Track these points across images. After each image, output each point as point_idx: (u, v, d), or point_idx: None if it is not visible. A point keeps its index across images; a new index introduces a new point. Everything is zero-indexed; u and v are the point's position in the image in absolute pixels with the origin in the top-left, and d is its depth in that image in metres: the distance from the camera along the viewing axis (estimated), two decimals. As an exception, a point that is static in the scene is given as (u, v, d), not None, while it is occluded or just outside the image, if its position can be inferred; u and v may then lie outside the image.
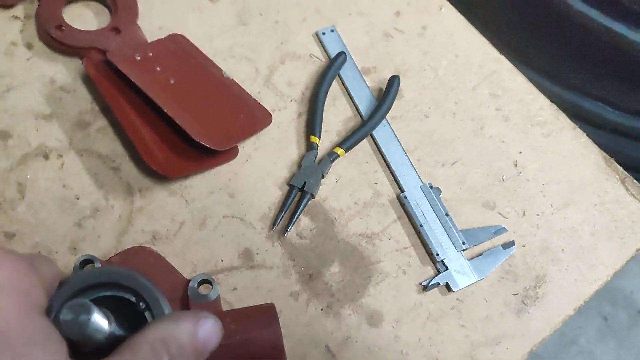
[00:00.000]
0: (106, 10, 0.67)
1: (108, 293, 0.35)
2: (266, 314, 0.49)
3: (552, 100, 0.67)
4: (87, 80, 0.63)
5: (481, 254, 0.57)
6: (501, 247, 0.58)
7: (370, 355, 0.53)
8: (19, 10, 0.66)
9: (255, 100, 0.63)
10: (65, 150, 0.59)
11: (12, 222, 0.55)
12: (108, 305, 0.33)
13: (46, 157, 0.59)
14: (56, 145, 0.59)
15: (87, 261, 0.49)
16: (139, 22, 0.65)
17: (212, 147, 0.56)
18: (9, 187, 0.57)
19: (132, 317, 0.35)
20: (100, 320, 0.29)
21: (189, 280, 0.51)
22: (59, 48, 0.63)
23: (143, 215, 0.57)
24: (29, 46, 0.64)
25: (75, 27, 0.63)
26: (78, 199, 0.57)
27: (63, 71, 0.63)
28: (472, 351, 0.54)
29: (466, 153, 0.63)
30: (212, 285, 0.51)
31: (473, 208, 0.60)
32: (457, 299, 0.56)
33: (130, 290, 0.35)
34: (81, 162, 0.59)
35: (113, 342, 0.31)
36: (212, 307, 0.50)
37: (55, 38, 0.61)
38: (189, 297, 0.50)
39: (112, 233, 0.56)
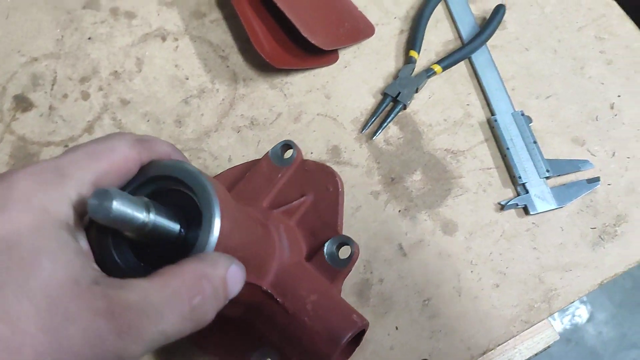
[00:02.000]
0: None
1: (175, 187, 0.33)
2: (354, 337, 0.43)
3: (660, 51, 0.65)
4: (207, -25, 0.67)
5: (564, 184, 0.58)
6: (585, 181, 0.58)
7: (440, 259, 0.55)
8: None
9: (360, 12, 0.65)
10: (181, 35, 0.64)
11: (128, 91, 0.61)
12: (174, 199, 0.33)
13: (163, 38, 0.64)
14: (173, 30, 0.64)
15: (287, 146, 0.51)
16: None
17: (316, 45, 0.59)
18: (128, 61, 0.62)
19: (195, 213, 0.33)
20: (124, 207, 0.28)
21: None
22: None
23: (244, 102, 0.61)
24: (159, -61, 0.69)
25: None
26: (187, 79, 0.62)
27: (187, -36, 0.68)
28: (540, 273, 0.55)
29: (562, 89, 0.63)
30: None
31: (562, 141, 0.60)
32: (533, 223, 0.57)
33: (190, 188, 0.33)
34: (194, 47, 0.63)
35: (164, 236, 0.31)
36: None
37: None
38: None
39: (214, 113, 0.60)
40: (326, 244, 0.47)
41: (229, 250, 0.32)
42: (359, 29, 0.64)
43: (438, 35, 0.66)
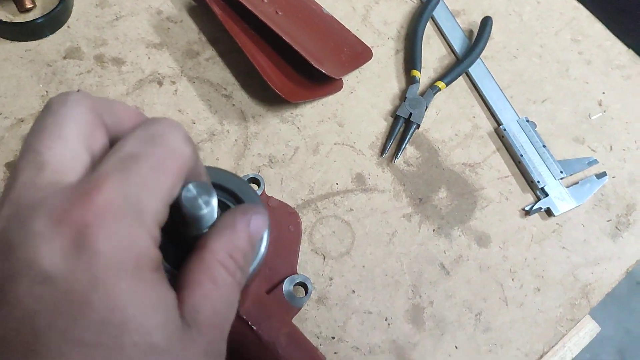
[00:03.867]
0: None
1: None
2: None
3: (628, 46, 0.71)
4: (193, 11, 0.64)
5: (577, 183, 0.61)
6: (595, 177, 0.61)
7: (481, 273, 0.56)
8: (119, -57, 0.67)
9: (355, 36, 0.65)
10: (177, 77, 0.60)
11: (134, 143, 0.57)
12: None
13: (160, 83, 0.60)
14: (168, 73, 0.61)
15: (254, 179, 0.51)
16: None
17: (328, 74, 0.58)
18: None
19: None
20: (215, 204, 0.28)
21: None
22: (166, -21, 0.64)
23: (258, 140, 0.59)
24: (133, -22, 0.65)
25: (180, -40, 0.64)
26: (194, 123, 0.59)
27: (168, 3, 0.64)
28: (573, 271, 0.57)
29: (554, 92, 0.66)
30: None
31: (565, 142, 0.64)
32: (557, 224, 0.59)
33: (233, 195, 0.33)
34: (194, 88, 0.60)
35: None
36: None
37: (164, -32, 0.62)
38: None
39: (229, 155, 0.58)
40: (285, 282, 0.48)
41: None
42: (359, 53, 0.64)
43: (432, 52, 0.67)
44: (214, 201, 0.27)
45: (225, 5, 0.61)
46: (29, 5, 0.60)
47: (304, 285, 0.49)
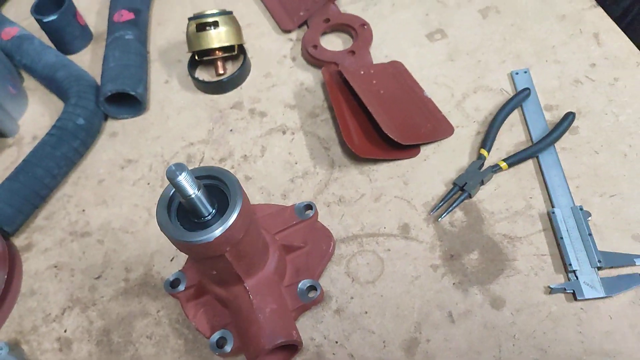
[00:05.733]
0: (350, 39, 0.90)
1: (213, 182, 0.53)
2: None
3: None
4: (324, 85, 0.85)
5: (616, 276, 0.61)
6: (638, 275, 0.61)
7: (485, 330, 0.61)
8: (293, 34, 0.93)
9: (443, 116, 0.77)
10: (297, 130, 0.81)
11: (252, 170, 0.79)
12: (212, 191, 0.52)
13: (284, 132, 0.82)
14: (292, 126, 0.82)
15: (309, 206, 0.69)
16: (371, 49, 0.86)
17: (396, 140, 0.72)
18: (255, 148, 0.81)
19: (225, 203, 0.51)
20: (186, 179, 0.47)
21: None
22: (311, 61, 0.87)
23: (337, 184, 0.75)
24: (293, 59, 0.90)
25: (327, 48, 0.86)
26: (296, 163, 0.78)
27: (310, 78, 0.87)
28: (583, 356, 0.58)
29: (628, 190, 0.67)
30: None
31: (621, 237, 0.64)
32: (581, 308, 0.60)
33: (224, 184, 0.52)
34: (305, 140, 0.80)
35: (200, 210, 0.50)
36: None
37: (310, 54, 0.85)
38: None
39: (312, 190, 0.75)
40: (302, 281, 0.63)
41: (233, 239, 0.50)
42: (439, 130, 0.76)
43: (511, 137, 0.75)
44: (186, 172, 0.47)
45: (342, 82, 0.80)
46: (221, 72, 0.89)
47: (314, 288, 0.63)
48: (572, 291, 0.61)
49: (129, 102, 0.87)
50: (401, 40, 0.89)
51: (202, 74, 0.92)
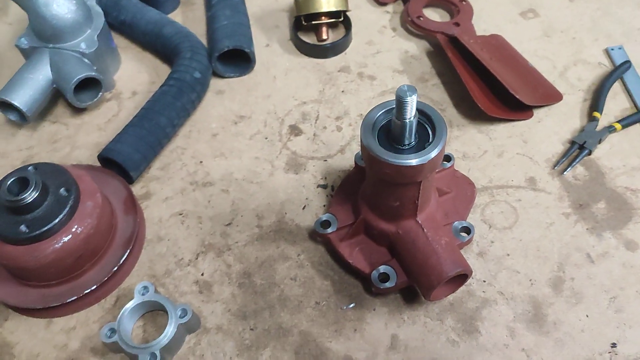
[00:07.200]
0: (447, 14, 0.95)
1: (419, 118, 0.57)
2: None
3: None
4: (430, 53, 0.89)
5: None
6: None
7: (624, 268, 0.66)
8: (389, 7, 0.97)
9: (550, 83, 0.83)
10: (409, 93, 0.85)
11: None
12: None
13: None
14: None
15: (448, 157, 0.72)
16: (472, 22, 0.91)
17: (521, 100, 0.77)
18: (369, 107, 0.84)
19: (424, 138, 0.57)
20: (413, 101, 0.51)
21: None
22: (416, 31, 0.91)
23: (458, 141, 0.79)
24: (394, 29, 0.94)
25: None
26: (414, 122, 0.82)
27: (414, 47, 0.91)
28: None
29: None
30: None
31: None
32: None
33: (429, 121, 0.57)
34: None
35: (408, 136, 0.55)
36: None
37: (417, 23, 0.90)
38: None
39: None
40: (456, 222, 0.67)
41: (433, 168, 0.55)
42: (550, 95, 0.82)
43: (616, 104, 0.81)
44: (415, 95, 0.51)
45: (455, 50, 0.85)
46: (324, 37, 0.92)
47: (467, 230, 0.66)
48: (699, 234, 0.67)
49: (235, 61, 0.88)
50: (496, 17, 0.94)
51: (309, 38, 0.95)
